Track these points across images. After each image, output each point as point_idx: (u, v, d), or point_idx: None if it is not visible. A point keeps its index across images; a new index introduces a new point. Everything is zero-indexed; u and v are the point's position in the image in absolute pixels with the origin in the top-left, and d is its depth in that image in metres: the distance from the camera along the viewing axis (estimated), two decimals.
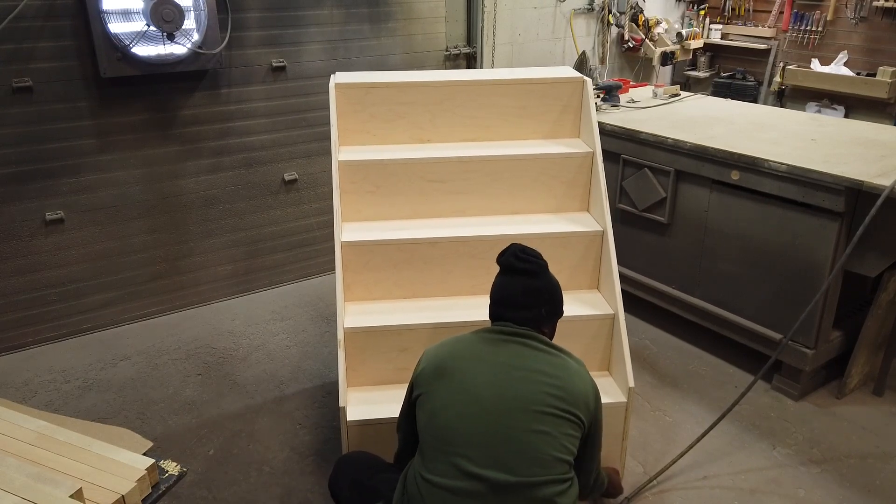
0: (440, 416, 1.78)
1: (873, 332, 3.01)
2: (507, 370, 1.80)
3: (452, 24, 4.38)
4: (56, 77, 3.22)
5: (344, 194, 2.72)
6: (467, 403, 1.77)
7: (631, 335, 3.61)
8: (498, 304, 1.94)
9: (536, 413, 1.73)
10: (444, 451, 1.75)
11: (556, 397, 1.76)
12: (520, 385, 1.77)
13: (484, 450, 1.71)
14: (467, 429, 1.74)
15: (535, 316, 1.90)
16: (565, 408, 1.75)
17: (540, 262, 1.96)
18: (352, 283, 2.66)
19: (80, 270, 3.52)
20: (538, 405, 1.74)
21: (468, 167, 2.74)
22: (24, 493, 1.56)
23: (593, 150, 2.76)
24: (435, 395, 1.82)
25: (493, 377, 1.79)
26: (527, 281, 1.92)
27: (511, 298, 1.91)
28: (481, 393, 1.77)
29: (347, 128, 2.85)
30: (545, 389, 1.76)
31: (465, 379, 1.80)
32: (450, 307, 2.62)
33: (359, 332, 2.51)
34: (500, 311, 1.93)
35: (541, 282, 1.94)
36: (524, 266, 1.92)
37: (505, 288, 1.94)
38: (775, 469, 2.68)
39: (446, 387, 1.81)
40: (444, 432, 1.76)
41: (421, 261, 2.65)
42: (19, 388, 3.19)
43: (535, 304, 1.91)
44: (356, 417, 2.37)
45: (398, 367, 2.56)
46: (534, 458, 1.70)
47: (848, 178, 2.68)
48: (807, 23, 5.69)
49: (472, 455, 1.71)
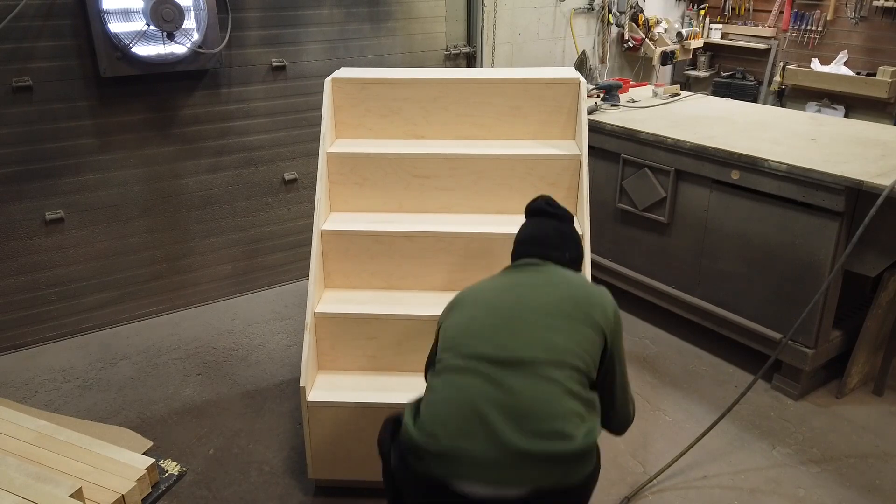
0: (450, 329, 1.82)
1: (873, 331, 3.01)
2: (520, 288, 1.84)
3: (452, 24, 4.38)
4: (56, 76, 3.22)
5: (332, 185, 2.80)
6: (477, 311, 1.80)
7: (631, 335, 3.61)
8: (526, 242, 1.99)
9: (552, 313, 1.74)
10: (451, 350, 1.76)
11: (570, 301, 1.77)
12: (533, 293, 1.81)
13: (491, 338, 1.72)
14: (476, 329, 1.76)
15: (559, 257, 1.94)
16: (580, 309, 1.76)
17: (569, 211, 2.06)
18: (331, 272, 2.74)
19: (80, 270, 3.52)
20: (550, 308, 1.76)
21: (455, 164, 2.77)
22: (24, 492, 1.56)
23: (581, 154, 2.75)
24: (450, 320, 1.86)
25: (505, 292, 1.84)
26: (558, 223, 2.00)
27: (541, 237, 1.97)
28: (495, 303, 1.81)
29: (344, 122, 2.90)
30: (559, 295, 1.79)
31: (478, 298, 1.86)
32: (423, 301, 2.66)
33: (330, 317, 2.58)
34: (527, 248, 1.97)
35: (569, 227, 2.02)
36: (556, 211, 2.02)
37: (535, 227, 2.01)
38: (775, 469, 2.68)
39: (460, 311, 1.86)
40: (453, 337, 1.79)
41: (398, 253, 2.70)
42: (19, 387, 3.19)
43: (562, 245, 1.96)
44: (318, 399, 2.43)
45: (367, 355, 2.62)
46: (546, 346, 1.68)
47: (848, 177, 2.68)
48: (807, 22, 5.68)
49: (477, 344, 1.72)
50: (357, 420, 2.43)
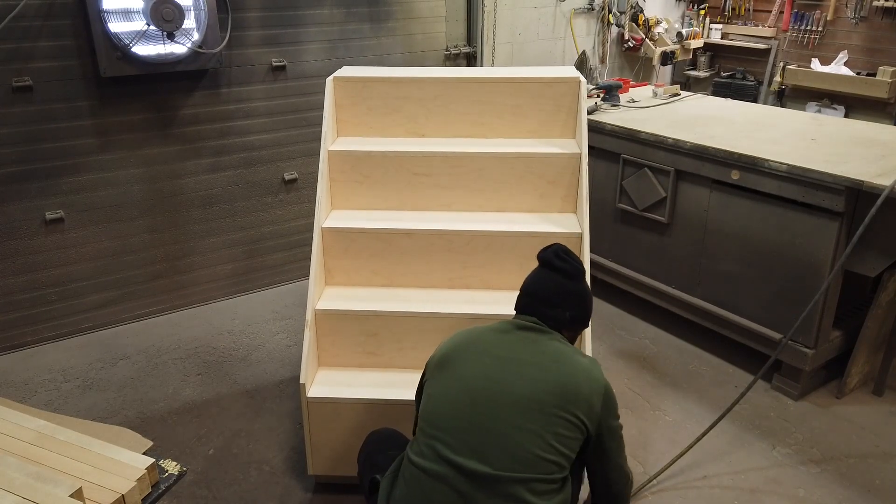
0: (431, 402, 1.82)
1: (873, 331, 3.01)
2: (506, 363, 1.79)
3: (452, 24, 4.38)
4: (56, 76, 3.22)
5: (333, 183, 2.81)
6: (457, 391, 1.78)
7: (631, 335, 3.61)
8: (527, 295, 1.94)
9: (526, 409, 1.71)
10: (428, 434, 1.77)
11: (552, 394, 1.72)
12: (515, 379, 1.75)
13: (463, 437, 1.71)
14: (452, 416, 1.75)
15: (558, 316, 1.88)
16: (561, 405, 1.71)
17: (578, 266, 1.94)
18: (332, 269, 2.75)
19: (80, 270, 3.52)
20: (530, 402, 1.71)
21: (455, 162, 2.77)
22: (24, 492, 1.56)
23: (581, 152, 2.76)
24: (434, 382, 1.85)
25: (489, 369, 1.78)
26: (561, 280, 1.91)
27: (541, 293, 1.91)
28: (473, 384, 1.77)
29: (345, 120, 2.91)
30: (542, 386, 1.73)
31: (462, 369, 1.82)
32: (423, 298, 2.66)
33: (330, 314, 2.59)
34: (527, 302, 1.93)
35: (574, 285, 1.93)
36: (562, 265, 1.91)
37: (538, 281, 1.94)
38: (775, 469, 2.68)
39: (445, 376, 1.84)
40: (432, 417, 1.79)
41: (398, 251, 2.71)
42: (19, 387, 3.19)
43: (562, 304, 1.89)
44: (318, 395, 2.44)
45: (367, 351, 2.63)
46: (515, 454, 1.68)
47: (848, 177, 2.68)
48: (807, 22, 5.69)
49: (450, 441, 1.72)
50: (357, 416, 2.44)
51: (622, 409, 2.92)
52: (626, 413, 2.98)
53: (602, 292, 3.89)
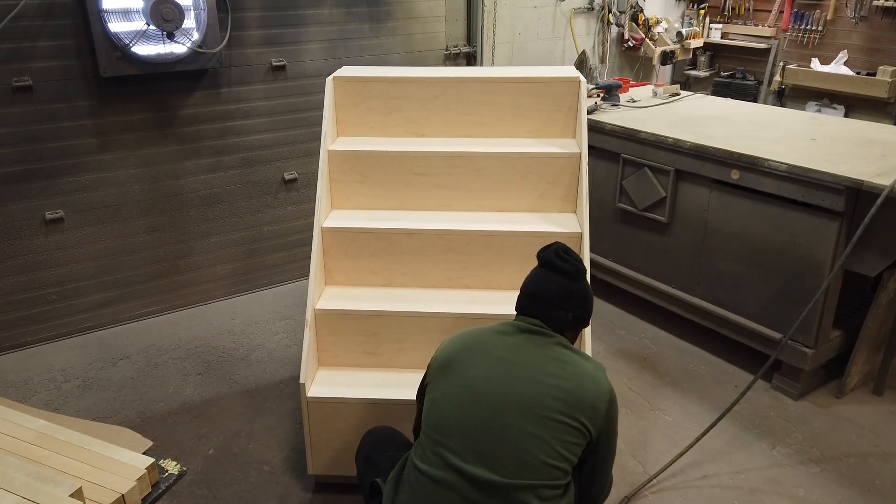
0: (435, 407, 1.79)
1: (873, 331, 3.01)
2: (512, 367, 1.77)
3: (452, 24, 4.38)
4: (56, 76, 3.22)
5: (333, 183, 2.81)
6: (463, 396, 1.76)
7: (631, 335, 3.62)
8: (528, 296, 1.90)
9: (533, 416, 1.69)
10: (433, 440, 1.75)
11: (559, 400, 1.71)
12: (521, 385, 1.73)
13: (470, 444, 1.70)
14: (458, 422, 1.73)
15: (561, 317, 1.85)
16: (568, 412, 1.70)
17: (580, 266, 1.91)
18: (332, 268, 2.75)
19: (80, 269, 3.52)
20: (537, 408, 1.70)
21: (455, 162, 2.77)
22: (24, 492, 1.56)
23: (580, 152, 2.76)
24: (437, 386, 1.83)
25: (494, 373, 1.76)
26: (563, 280, 1.87)
27: (543, 294, 1.87)
28: (478, 387, 1.75)
29: (345, 119, 2.91)
30: (548, 391, 1.72)
31: (466, 373, 1.79)
32: (423, 298, 2.67)
33: (330, 313, 2.59)
34: (528, 303, 1.89)
35: (576, 285, 1.89)
36: (563, 265, 1.87)
37: (539, 282, 1.89)
38: (775, 468, 2.68)
39: (448, 379, 1.81)
40: (437, 423, 1.77)
41: (399, 251, 2.71)
42: (19, 387, 3.19)
43: (564, 305, 1.86)
44: (317, 394, 2.44)
45: (367, 351, 2.63)
46: (522, 460, 1.67)
47: (848, 177, 2.68)
48: (807, 22, 5.68)
49: (457, 448, 1.71)
50: (357, 416, 2.43)
51: (622, 408, 2.93)
52: (626, 413, 2.98)
53: (602, 292, 3.89)
